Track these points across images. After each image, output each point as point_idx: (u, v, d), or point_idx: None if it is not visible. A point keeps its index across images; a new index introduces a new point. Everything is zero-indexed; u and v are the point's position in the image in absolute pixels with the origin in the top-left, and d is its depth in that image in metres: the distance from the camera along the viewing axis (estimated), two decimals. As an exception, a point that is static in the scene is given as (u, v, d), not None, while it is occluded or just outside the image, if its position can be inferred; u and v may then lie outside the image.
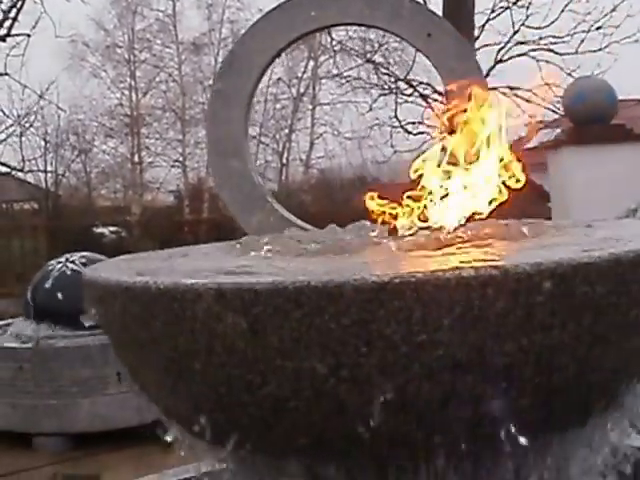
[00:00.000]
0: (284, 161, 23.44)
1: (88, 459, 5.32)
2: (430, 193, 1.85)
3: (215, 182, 6.06)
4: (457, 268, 1.29)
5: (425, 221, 1.77)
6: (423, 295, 1.26)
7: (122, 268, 1.65)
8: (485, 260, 1.35)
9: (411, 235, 1.70)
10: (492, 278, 1.29)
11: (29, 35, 12.40)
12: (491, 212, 1.87)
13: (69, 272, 5.79)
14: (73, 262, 5.91)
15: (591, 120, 8.50)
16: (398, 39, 13.85)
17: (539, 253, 1.46)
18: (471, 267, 1.29)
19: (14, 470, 5.16)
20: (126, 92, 22.04)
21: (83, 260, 5.83)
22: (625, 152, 8.66)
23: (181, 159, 22.22)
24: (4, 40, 12.14)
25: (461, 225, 1.74)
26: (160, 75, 22.12)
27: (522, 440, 1.42)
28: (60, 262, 5.91)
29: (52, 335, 5.51)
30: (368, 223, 1.86)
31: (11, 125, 15.32)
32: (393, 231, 1.79)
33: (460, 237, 1.61)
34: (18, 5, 11.90)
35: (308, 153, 22.78)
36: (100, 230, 20.12)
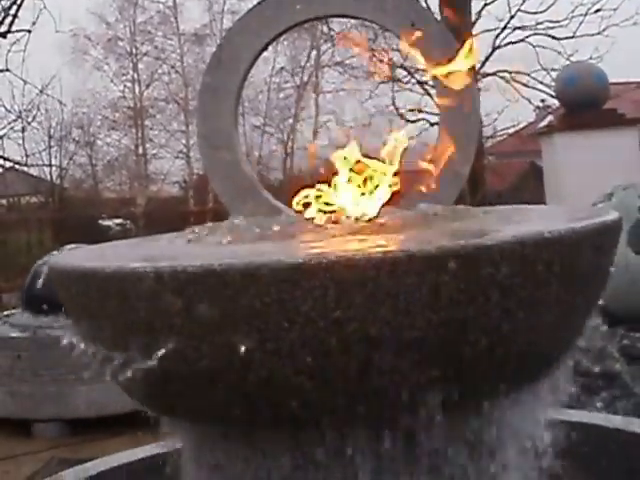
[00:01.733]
0: (289, 150, 23.55)
1: (85, 444, 5.51)
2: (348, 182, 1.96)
3: (207, 173, 6.21)
4: (366, 251, 1.44)
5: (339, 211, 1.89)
6: (335, 275, 1.42)
7: (83, 256, 1.81)
8: (393, 243, 1.50)
9: (329, 222, 1.84)
10: (399, 259, 1.44)
11: (29, 31, 12.56)
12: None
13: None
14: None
15: (582, 104, 8.61)
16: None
17: (445, 237, 1.61)
18: (380, 250, 1.44)
19: (12, 455, 5.36)
20: (129, 84, 22.25)
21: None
22: (616, 137, 8.77)
23: (185, 150, 22.40)
24: (5, 37, 12.31)
25: (375, 214, 1.87)
26: (162, 67, 22.31)
27: (436, 411, 1.57)
28: (54, 254, 6.09)
29: (49, 324, 5.69)
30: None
31: (14, 120, 15.50)
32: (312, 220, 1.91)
33: (373, 224, 1.76)
34: (18, 2, 12.06)
35: (312, 142, 22.88)
36: (106, 223, 20.31)
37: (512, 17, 13.80)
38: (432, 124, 13.65)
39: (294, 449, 1.65)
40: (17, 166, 17.17)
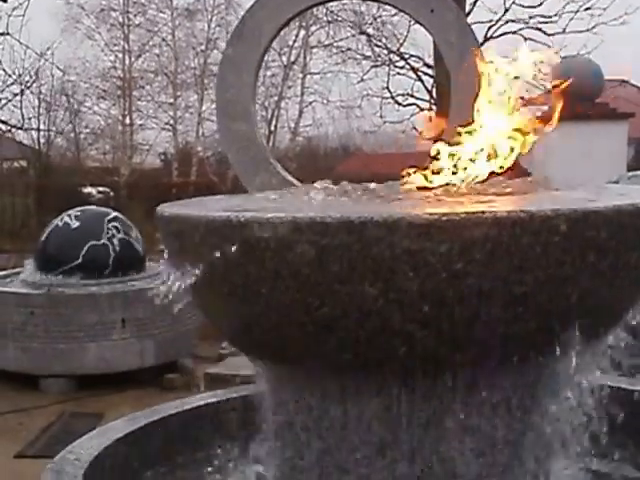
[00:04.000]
0: (272, 128, 23.49)
1: (91, 399, 5.58)
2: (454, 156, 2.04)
3: (222, 144, 6.24)
4: (492, 210, 1.52)
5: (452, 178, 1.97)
6: (464, 231, 1.50)
7: (196, 206, 1.87)
8: (511, 205, 1.59)
9: (445, 187, 1.91)
10: (520, 219, 1.52)
11: (29, -4, 12.42)
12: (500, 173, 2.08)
13: (72, 225, 6.07)
14: (75, 216, 6.15)
15: (577, 98, 8.75)
16: (392, 13, 14.03)
17: (554, 202, 1.70)
18: (504, 209, 1.53)
19: (24, 408, 5.40)
20: (119, 55, 21.99)
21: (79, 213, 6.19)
22: (607, 130, 8.93)
23: (172, 122, 22.25)
24: (5, 1, 12.15)
25: (484, 181, 1.96)
26: (153, 39, 22.07)
27: (532, 358, 1.67)
28: (64, 217, 6.15)
29: (63, 283, 5.72)
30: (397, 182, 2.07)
31: (12, 84, 15.31)
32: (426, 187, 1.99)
33: (487, 189, 1.84)
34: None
35: (297, 121, 22.86)
36: (88, 190, 20.15)
37: (507, 10, 13.88)
38: (422, 109, 13.73)
39: (390, 393, 1.73)
40: (7, 130, 16.97)
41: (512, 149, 2.06)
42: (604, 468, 2.24)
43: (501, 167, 2.04)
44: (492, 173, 2.02)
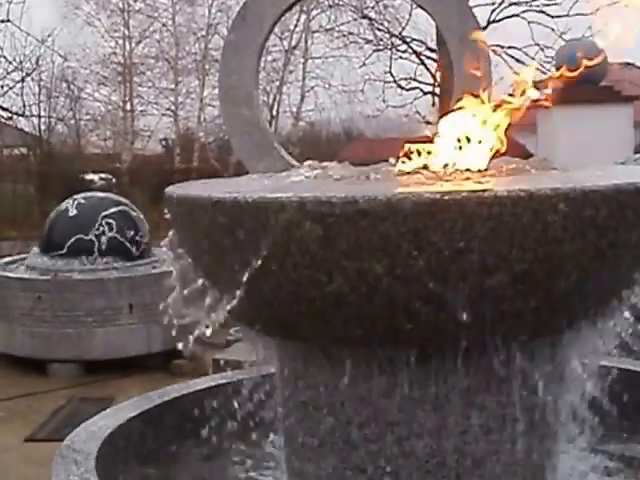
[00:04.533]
0: (274, 113, 23.51)
1: (100, 384, 5.68)
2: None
3: (225, 129, 6.31)
4: (493, 189, 1.59)
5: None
6: (466, 209, 1.57)
7: (205, 188, 1.94)
8: (512, 185, 1.66)
9: (443, 169, 1.98)
10: (521, 198, 1.59)
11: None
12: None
13: (70, 212, 6.15)
14: (77, 204, 6.24)
15: (582, 81, 8.78)
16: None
17: (554, 181, 1.77)
18: (504, 189, 1.60)
19: (32, 392, 5.51)
20: (120, 41, 22.00)
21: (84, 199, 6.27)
22: (612, 113, 8.98)
23: (173, 108, 22.28)
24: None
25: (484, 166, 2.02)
26: (154, 25, 22.07)
27: (535, 335, 1.74)
28: (67, 202, 6.24)
29: (70, 268, 5.82)
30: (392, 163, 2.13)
31: (12, 71, 15.37)
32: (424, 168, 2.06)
33: (487, 171, 1.91)
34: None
35: (298, 106, 22.88)
36: (90, 177, 20.21)
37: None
38: (425, 93, 13.77)
39: (398, 368, 1.80)
40: (9, 117, 17.04)
41: (497, 126, 2.09)
42: (613, 448, 2.31)
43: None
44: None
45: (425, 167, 1.96)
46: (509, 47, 13.81)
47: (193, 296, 2.00)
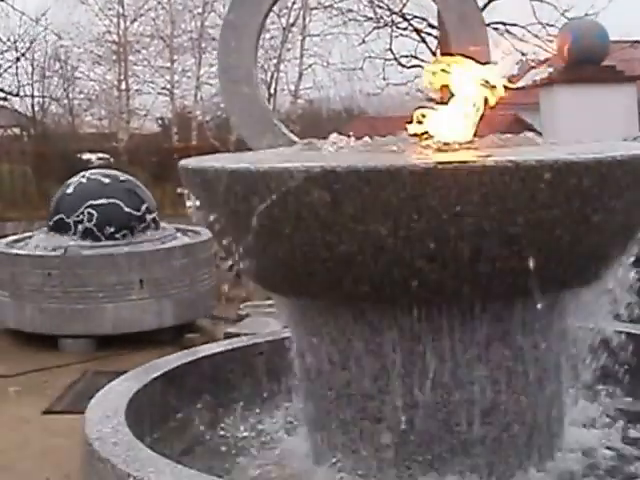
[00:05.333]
0: (272, 91, 23.63)
1: (112, 359, 5.90)
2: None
3: (226, 107, 6.52)
4: (482, 160, 1.82)
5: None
6: (459, 177, 1.80)
7: (220, 160, 2.17)
8: (501, 156, 1.89)
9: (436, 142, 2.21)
10: (508, 168, 1.82)
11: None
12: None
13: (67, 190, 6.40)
14: (77, 184, 6.47)
15: (583, 60, 8.98)
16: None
17: (541, 154, 2.00)
18: (493, 160, 1.83)
19: (46, 367, 5.75)
20: (114, 19, 22.10)
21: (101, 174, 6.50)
22: (614, 93, 9.16)
23: (169, 87, 22.43)
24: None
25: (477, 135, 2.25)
26: (149, 2, 22.15)
27: (530, 295, 1.98)
28: (73, 179, 6.47)
29: (79, 244, 6.04)
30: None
31: (6, 50, 15.54)
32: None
33: (477, 143, 2.15)
34: None
35: (297, 84, 23.01)
36: (87, 156, 20.36)
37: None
38: (427, 71, 13.90)
39: (405, 323, 2.04)
40: (3, 97, 17.21)
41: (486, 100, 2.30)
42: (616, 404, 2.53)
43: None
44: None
45: (426, 139, 2.19)
46: (511, 25, 13.97)
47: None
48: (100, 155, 19.90)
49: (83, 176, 6.49)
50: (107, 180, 6.53)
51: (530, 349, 2.13)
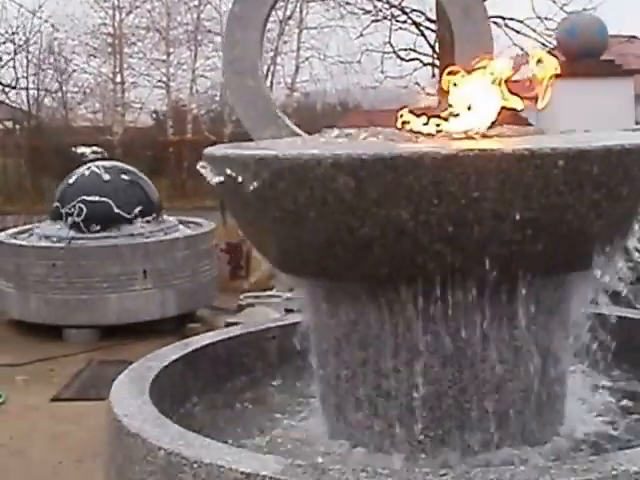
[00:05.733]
0: (268, 84, 23.70)
1: (116, 348, 6.04)
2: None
3: (230, 99, 6.63)
4: (501, 147, 1.94)
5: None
6: (477, 164, 1.91)
7: (245, 148, 2.28)
8: (517, 145, 2.00)
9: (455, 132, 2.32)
10: (525, 155, 1.94)
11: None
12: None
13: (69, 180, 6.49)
14: (78, 175, 6.57)
15: (582, 55, 9.11)
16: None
17: (555, 142, 2.11)
18: (511, 147, 1.94)
19: (52, 356, 5.87)
20: (110, 11, 22.18)
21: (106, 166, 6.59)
22: (613, 87, 9.29)
23: (165, 79, 22.51)
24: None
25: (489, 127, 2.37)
26: (144, -6, 22.26)
27: (542, 276, 2.09)
28: (79, 171, 6.57)
29: (83, 235, 6.15)
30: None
31: (4, 42, 15.59)
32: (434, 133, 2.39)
33: (493, 133, 2.26)
34: None
35: (293, 77, 23.11)
36: (81, 150, 20.39)
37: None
38: (425, 64, 14.05)
39: (421, 304, 2.15)
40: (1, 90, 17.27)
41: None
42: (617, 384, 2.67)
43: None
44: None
45: (441, 130, 2.31)
46: (510, 19, 14.08)
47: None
48: (94, 149, 19.96)
49: (88, 168, 6.60)
50: (107, 177, 6.61)
51: (537, 329, 2.24)
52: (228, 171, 2.21)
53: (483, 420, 2.22)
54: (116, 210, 6.39)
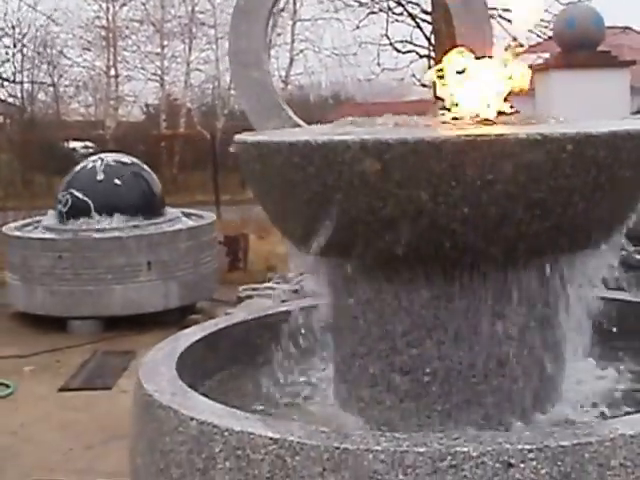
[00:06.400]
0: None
1: (120, 339, 6.20)
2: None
3: (235, 91, 6.77)
4: (515, 132, 2.10)
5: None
6: (494, 148, 2.08)
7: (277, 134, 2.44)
8: (529, 130, 2.17)
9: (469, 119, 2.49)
10: (537, 140, 2.10)
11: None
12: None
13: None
14: (99, 164, 6.70)
15: (579, 46, 9.28)
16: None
17: (563, 128, 2.28)
18: (525, 132, 2.11)
19: (58, 347, 6.02)
20: (103, 4, 22.27)
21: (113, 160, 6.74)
22: (609, 78, 9.47)
23: (159, 73, 22.61)
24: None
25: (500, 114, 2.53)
26: (138, -14, 22.34)
27: (546, 254, 2.26)
28: (91, 160, 6.71)
29: (90, 227, 6.29)
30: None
31: (1, 36, 15.69)
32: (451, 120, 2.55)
33: (504, 119, 2.43)
34: None
35: (287, 69, 23.25)
36: (72, 145, 20.46)
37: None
38: (421, 56, 14.20)
39: (437, 282, 2.32)
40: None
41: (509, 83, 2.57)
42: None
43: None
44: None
45: (457, 117, 2.47)
46: (505, 10, 14.23)
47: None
48: (86, 144, 20.04)
49: (95, 160, 6.73)
50: (101, 177, 6.72)
51: (542, 308, 2.41)
52: (259, 156, 2.37)
53: (487, 395, 2.37)
54: (93, 212, 6.53)
